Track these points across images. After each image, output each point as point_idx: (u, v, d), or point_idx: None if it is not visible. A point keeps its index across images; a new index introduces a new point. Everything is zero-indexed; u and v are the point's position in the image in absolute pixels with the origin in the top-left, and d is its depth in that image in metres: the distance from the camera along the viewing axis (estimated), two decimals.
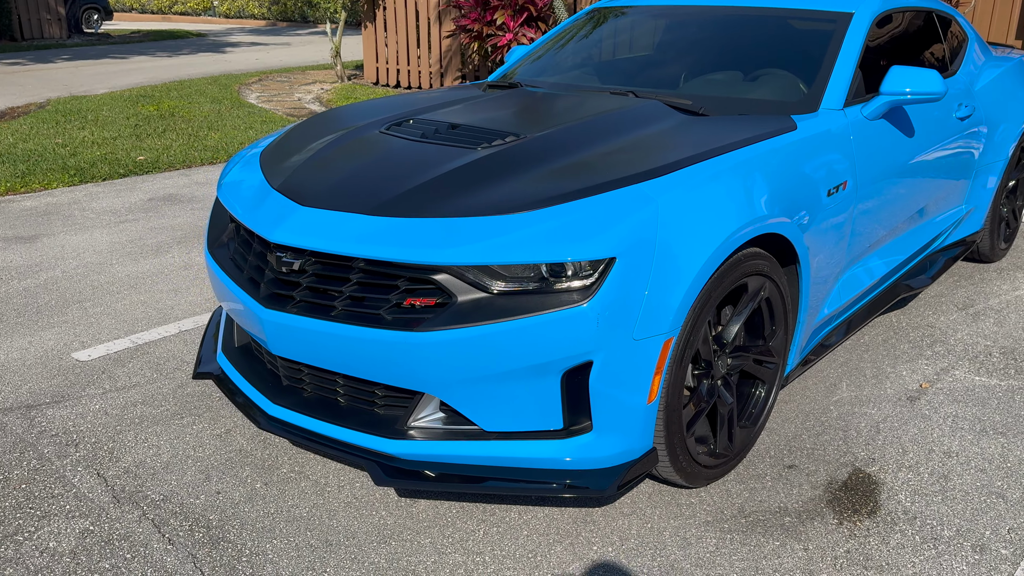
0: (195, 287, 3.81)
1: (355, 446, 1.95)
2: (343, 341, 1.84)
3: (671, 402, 1.91)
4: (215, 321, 2.68)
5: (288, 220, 1.96)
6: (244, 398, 2.19)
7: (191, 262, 4.17)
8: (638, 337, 1.76)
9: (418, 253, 1.75)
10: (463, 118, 2.45)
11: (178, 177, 5.84)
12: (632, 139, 2.16)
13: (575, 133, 2.21)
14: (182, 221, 4.83)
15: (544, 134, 2.21)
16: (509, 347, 1.71)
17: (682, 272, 1.80)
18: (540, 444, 1.84)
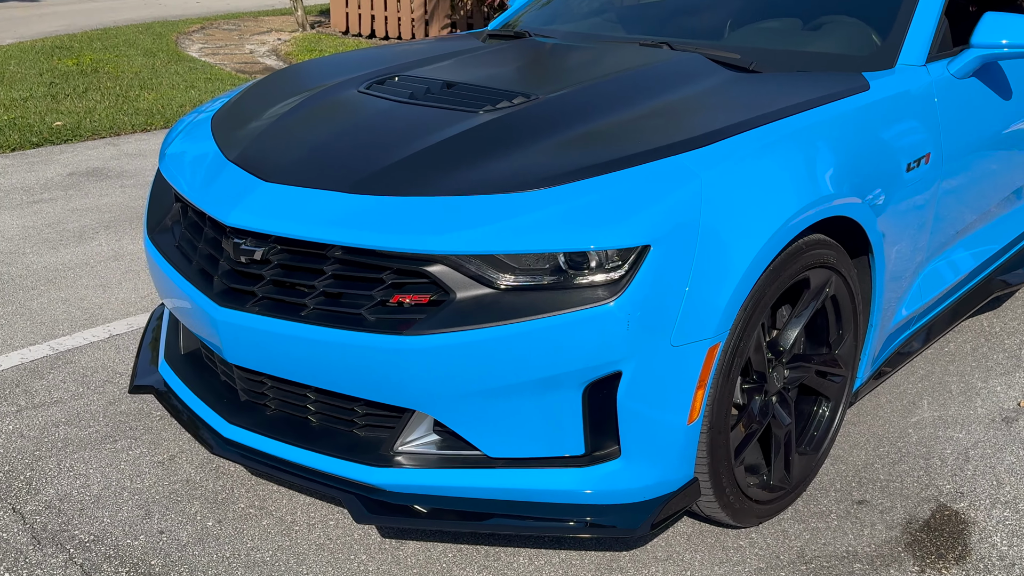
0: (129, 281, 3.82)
1: (329, 475, 1.96)
2: (315, 347, 1.85)
3: (716, 423, 1.92)
4: (155, 323, 2.69)
5: (248, 199, 1.97)
6: (192, 417, 2.20)
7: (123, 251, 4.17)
8: (677, 343, 1.77)
9: (407, 239, 1.76)
10: (460, 75, 2.46)
11: (104, 147, 5.85)
12: (668, 101, 2.18)
13: (598, 94, 2.22)
14: (111, 201, 4.85)
15: (560, 95, 2.22)
16: (519, 355, 1.72)
17: (731, 264, 1.81)
18: (556, 473, 1.85)
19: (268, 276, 1.93)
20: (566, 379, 1.74)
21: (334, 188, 1.91)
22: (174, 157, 2.36)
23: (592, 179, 1.81)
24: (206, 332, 2.07)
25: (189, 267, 2.16)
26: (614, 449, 1.84)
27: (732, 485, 2.03)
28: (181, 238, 2.28)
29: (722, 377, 1.89)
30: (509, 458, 1.87)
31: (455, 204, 1.81)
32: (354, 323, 1.81)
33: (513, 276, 1.76)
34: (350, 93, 2.41)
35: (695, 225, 1.77)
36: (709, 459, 1.94)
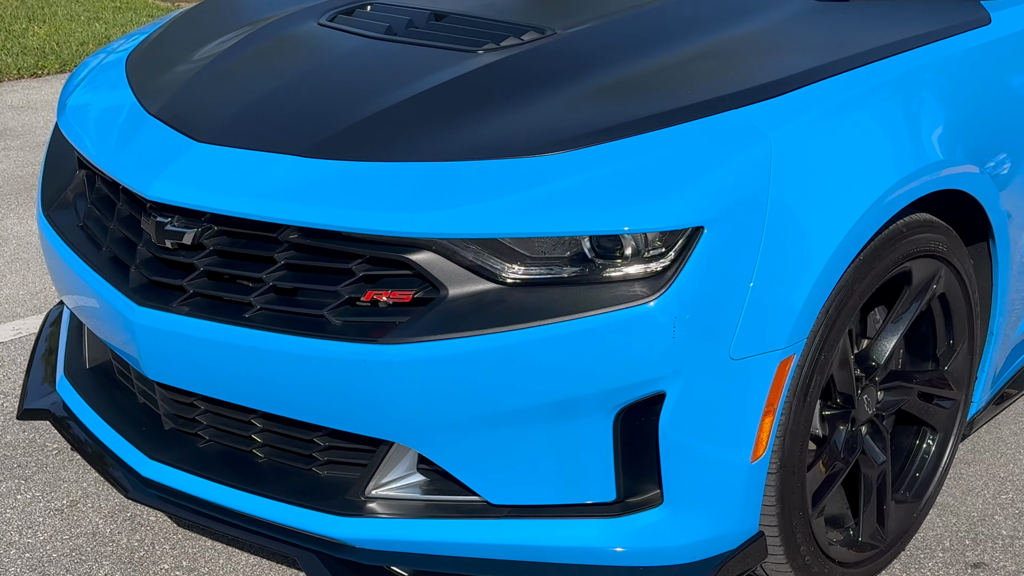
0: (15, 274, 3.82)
1: (281, 527, 1.96)
2: (263, 359, 1.85)
3: (788, 460, 1.92)
4: (51, 329, 2.69)
5: (175, 165, 1.97)
6: (101, 450, 2.20)
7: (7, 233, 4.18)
8: (738, 355, 1.77)
9: (384, 217, 1.76)
10: (452, 2, 2.46)
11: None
12: (726, 37, 2.17)
13: (633, 28, 2.22)
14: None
15: (583, 29, 2.21)
16: (530, 371, 1.72)
17: (809, 252, 1.81)
18: (578, 526, 1.85)
19: (202, 266, 1.93)
20: (592, 403, 1.75)
21: (288, 151, 1.91)
22: (77, 110, 2.36)
23: (626, 140, 1.81)
24: (120, 339, 2.07)
25: (97, 254, 2.15)
26: (654, 494, 1.84)
27: (809, 542, 2.02)
28: (87, 216, 2.28)
29: (797, 400, 1.89)
30: (517, 506, 1.87)
31: (447, 172, 1.80)
32: (314, 328, 1.81)
33: (523, 267, 1.76)
34: (308, 27, 2.41)
35: (762, 201, 1.77)
36: (779, 508, 1.94)
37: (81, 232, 2.25)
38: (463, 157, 1.82)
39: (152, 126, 2.11)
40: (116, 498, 2.50)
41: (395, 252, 1.78)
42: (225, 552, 2.34)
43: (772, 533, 1.96)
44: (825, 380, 1.96)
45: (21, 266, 3.87)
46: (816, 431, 2.08)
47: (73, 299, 2.30)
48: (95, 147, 2.19)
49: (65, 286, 2.32)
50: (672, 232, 1.72)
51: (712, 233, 1.72)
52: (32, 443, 2.73)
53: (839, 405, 2.09)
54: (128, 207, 2.12)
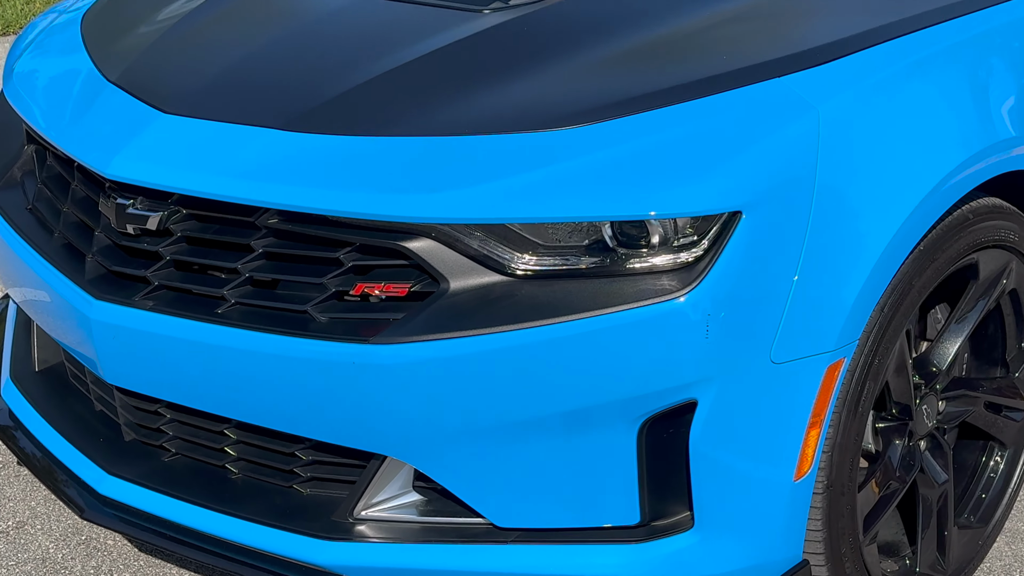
0: None
1: (257, 552, 1.97)
2: (237, 360, 1.86)
3: (837, 479, 1.92)
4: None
5: (139, 139, 1.98)
6: (52, 463, 2.21)
7: None
8: (780, 359, 1.77)
9: (376, 200, 1.77)
10: None
11: None
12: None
13: None
14: None
15: None
16: (543, 375, 1.73)
17: (862, 242, 1.81)
18: (596, 552, 1.86)
19: (168, 255, 1.94)
20: (614, 412, 1.75)
21: (267, 124, 1.91)
22: (25, 77, 2.36)
23: (653, 113, 1.82)
24: (74, 338, 2.08)
25: (49, 241, 2.16)
26: (684, 517, 1.84)
27: (860, 572, 2.02)
28: (36, 197, 2.28)
29: (847, 411, 1.89)
30: (526, 529, 1.87)
31: (448, 148, 1.81)
32: (296, 325, 1.81)
33: (535, 257, 1.76)
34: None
35: (808, 183, 1.77)
36: (826, 533, 1.94)
37: (30, 216, 2.26)
38: (467, 131, 1.83)
39: (111, 95, 2.12)
40: (69, 519, 2.51)
41: (389, 239, 1.78)
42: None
43: (818, 562, 1.96)
44: (879, 388, 1.95)
45: None
46: (868, 446, 2.08)
47: (20, 292, 2.30)
48: (46, 119, 2.19)
49: (11, 277, 2.32)
50: (705, 218, 1.73)
51: (751, 219, 1.72)
52: None
53: (895, 416, 2.09)
54: (84, 187, 2.12)
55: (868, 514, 2.05)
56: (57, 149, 2.15)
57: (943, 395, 2.17)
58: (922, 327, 2.19)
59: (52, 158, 2.26)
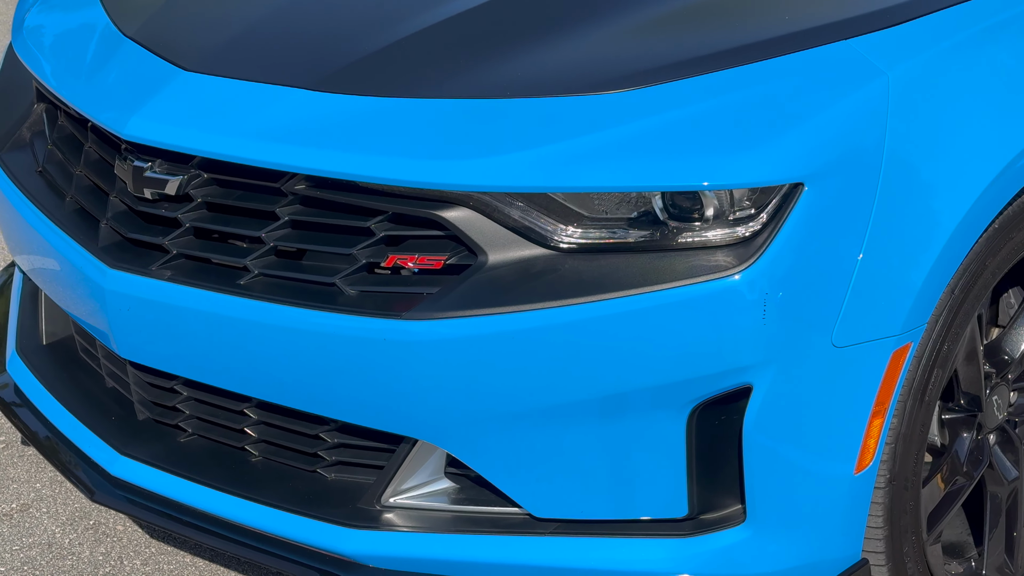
0: None
1: (278, 539, 1.97)
2: (261, 335, 1.85)
3: (901, 472, 1.90)
4: (3, 296, 2.69)
5: (158, 98, 1.97)
6: (60, 442, 2.21)
7: None
8: (842, 343, 1.75)
9: (411, 165, 1.76)
10: None
11: None
12: None
13: None
14: None
15: None
16: (587, 356, 1.71)
17: (932, 219, 1.79)
18: (640, 546, 1.85)
19: (188, 221, 1.93)
20: (662, 396, 1.73)
21: (295, 83, 1.90)
22: (36, 31, 2.35)
23: (709, 76, 1.80)
24: (86, 310, 2.07)
25: (60, 206, 2.15)
26: (735, 511, 1.83)
27: (922, 573, 2.01)
28: (47, 159, 2.28)
29: (912, 400, 1.87)
30: (566, 520, 1.86)
31: (489, 111, 1.80)
32: (324, 299, 1.81)
33: (580, 229, 1.75)
34: None
35: (876, 154, 1.75)
36: (887, 530, 1.92)
37: (39, 178, 2.26)
38: (509, 94, 1.81)
39: (129, 51, 2.11)
40: (76, 502, 2.52)
41: (424, 208, 1.77)
42: (208, 570, 2.35)
43: (878, 561, 1.94)
44: (947, 376, 1.93)
45: None
46: (934, 439, 2.06)
47: (28, 260, 2.31)
48: (58, 75, 2.18)
49: (18, 244, 2.32)
50: (764, 189, 1.71)
51: (814, 191, 1.70)
52: None
53: (963, 407, 2.07)
54: (99, 148, 2.11)
55: (932, 511, 2.04)
56: (70, 108, 2.14)
57: (1015, 386, 2.15)
58: (994, 312, 2.17)
59: (64, 117, 2.26)
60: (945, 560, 2.09)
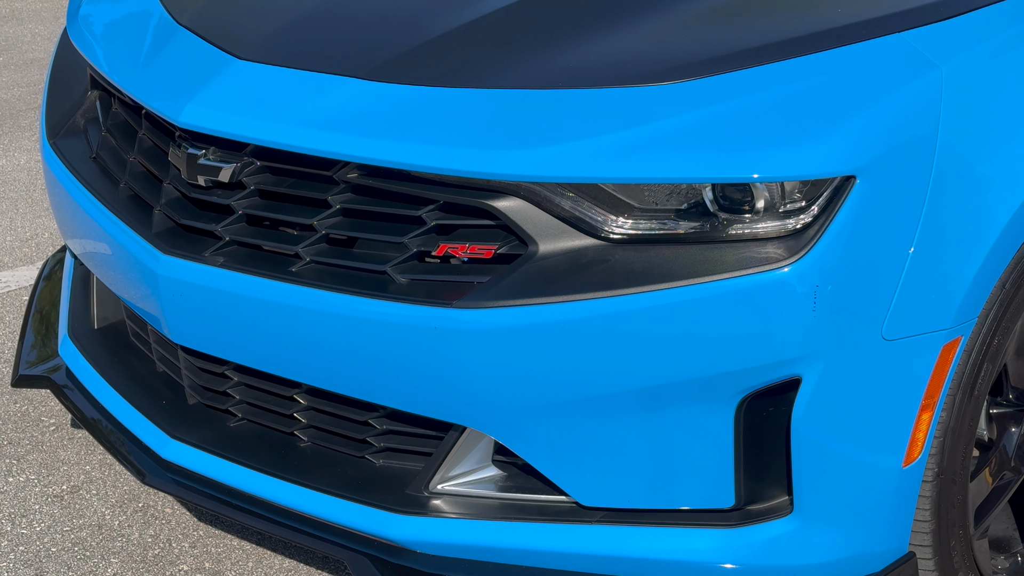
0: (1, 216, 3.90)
1: (326, 524, 2.00)
2: (311, 322, 1.88)
3: (949, 466, 1.91)
4: (52, 279, 2.75)
5: (212, 86, 2.00)
6: (112, 426, 2.25)
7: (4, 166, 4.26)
8: (892, 335, 1.77)
9: (462, 155, 1.78)
10: None
11: None
12: None
13: None
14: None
15: None
16: (636, 346, 1.73)
17: (985, 212, 1.80)
18: (686, 536, 1.87)
19: (241, 209, 1.97)
20: (710, 387, 1.75)
21: (348, 72, 1.93)
22: (91, 18, 2.39)
23: (760, 68, 1.81)
24: (138, 295, 2.11)
25: (113, 192, 2.19)
26: (782, 502, 1.85)
27: (969, 567, 2.02)
28: (101, 146, 2.32)
29: (962, 394, 1.88)
30: (612, 509, 1.89)
31: (541, 102, 1.82)
32: (375, 287, 1.83)
33: (630, 220, 1.77)
34: None
35: (929, 147, 1.76)
36: (935, 524, 1.94)
37: (93, 165, 2.29)
38: (560, 85, 1.83)
39: (183, 39, 2.14)
40: (125, 485, 2.56)
41: (475, 198, 1.80)
42: (255, 553, 2.39)
43: (925, 555, 1.96)
44: (997, 371, 1.94)
45: (8, 207, 3.96)
46: (982, 433, 2.07)
47: (81, 245, 2.35)
48: (113, 63, 2.22)
49: (72, 229, 2.36)
50: (816, 182, 1.72)
51: (866, 184, 1.71)
52: (25, 416, 2.80)
53: (1012, 402, 2.07)
54: (153, 136, 2.15)
55: (979, 506, 2.04)
56: (124, 95, 2.18)
57: None
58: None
59: (118, 104, 2.29)
60: (992, 555, 2.10)
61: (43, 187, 4.09)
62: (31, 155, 4.39)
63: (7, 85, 5.07)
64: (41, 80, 5.13)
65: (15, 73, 5.18)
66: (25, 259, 3.59)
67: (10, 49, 5.45)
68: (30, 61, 5.40)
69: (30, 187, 4.12)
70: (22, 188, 4.09)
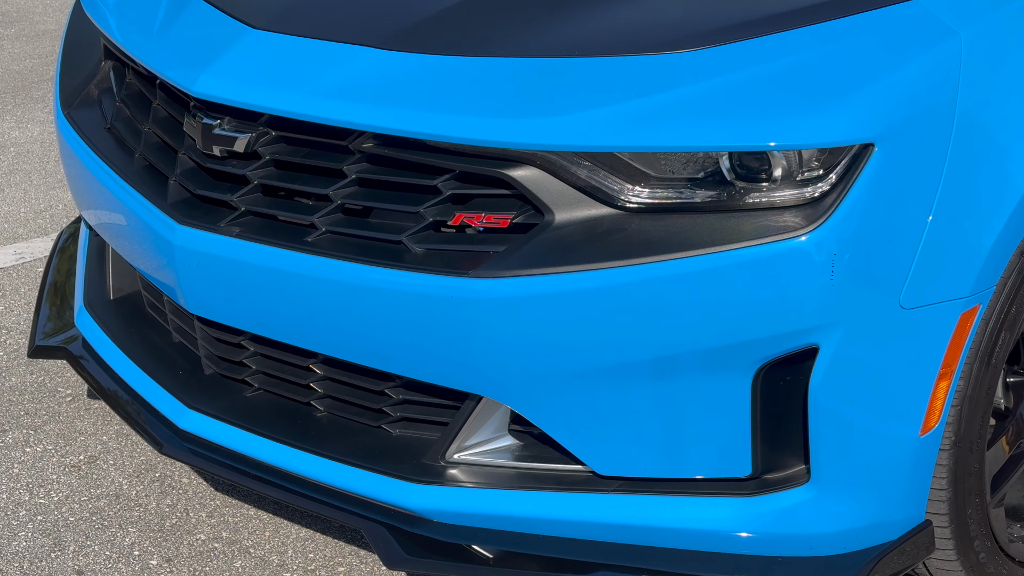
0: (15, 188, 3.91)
1: (343, 493, 2.01)
2: (327, 292, 1.89)
3: (966, 435, 1.92)
4: (67, 251, 2.76)
5: (227, 55, 2.00)
6: (129, 396, 2.27)
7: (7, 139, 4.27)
8: (910, 304, 1.77)
9: (479, 124, 1.78)
10: None
11: None
12: None
13: None
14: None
15: None
16: (653, 315, 1.74)
17: (1004, 180, 1.80)
18: (702, 505, 1.88)
19: (256, 179, 1.97)
20: (728, 356, 1.76)
21: (363, 41, 1.93)
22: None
23: (777, 36, 1.81)
24: (154, 265, 2.12)
25: (128, 162, 2.20)
26: (799, 471, 1.85)
27: (985, 536, 2.02)
28: (115, 116, 2.32)
29: (979, 362, 1.88)
30: (628, 478, 1.89)
31: (557, 70, 1.82)
32: (390, 256, 1.84)
33: (646, 188, 1.77)
34: None
35: (947, 114, 1.76)
36: (951, 492, 1.94)
37: (108, 135, 2.30)
38: (575, 53, 1.83)
39: (197, 8, 2.14)
40: (142, 455, 2.58)
41: (491, 167, 1.80)
42: (272, 523, 2.40)
43: (941, 523, 1.96)
44: (1014, 339, 1.94)
45: (21, 179, 3.96)
46: (999, 402, 2.06)
47: (97, 216, 2.35)
48: (126, 32, 2.22)
49: (87, 200, 2.37)
50: (833, 150, 1.72)
51: (884, 152, 1.71)
52: (42, 387, 2.82)
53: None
54: (167, 106, 2.15)
55: (996, 475, 2.05)
56: (138, 65, 2.18)
57: None
58: None
59: (132, 75, 2.29)
60: (1008, 523, 2.10)
61: (56, 159, 4.10)
62: (44, 127, 4.40)
63: (19, 57, 5.07)
64: (53, 52, 5.14)
65: (27, 45, 5.18)
66: (39, 231, 3.59)
67: (21, 20, 5.45)
68: (41, 33, 5.41)
69: (43, 159, 4.13)
70: (35, 160, 4.10)
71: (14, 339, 3.02)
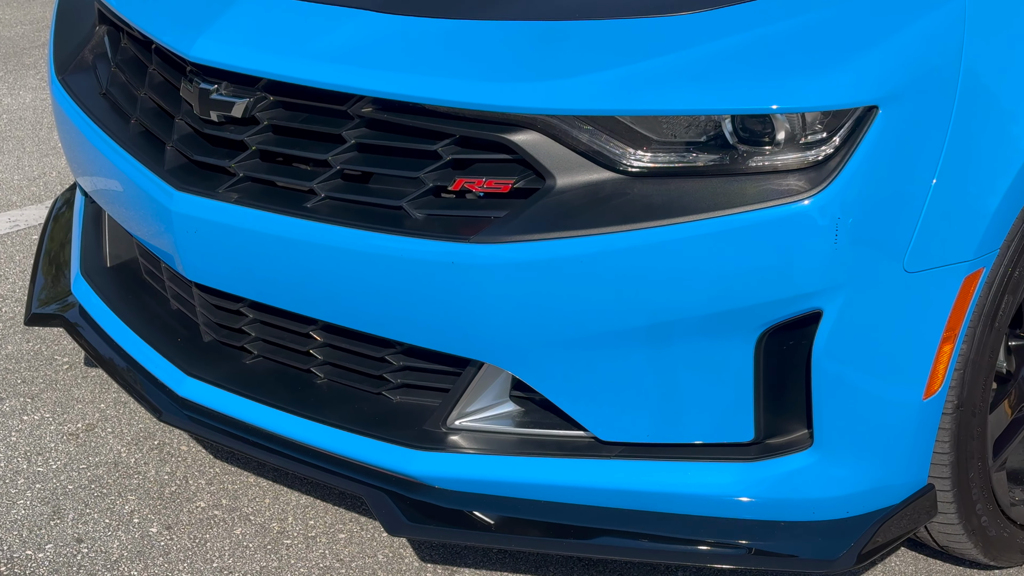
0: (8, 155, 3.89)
1: (344, 460, 2.02)
2: (327, 258, 1.89)
3: (969, 399, 1.92)
4: (63, 218, 2.75)
5: (224, 19, 1.99)
6: (127, 363, 2.27)
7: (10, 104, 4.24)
8: (914, 267, 1.77)
9: (479, 88, 1.77)
10: None
11: None
12: None
13: None
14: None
15: None
16: (656, 280, 1.74)
17: (1008, 142, 1.79)
18: (705, 470, 1.88)
19: (254, 144, 1.96)
20: (731, 321, 1.76)
21: (361, 4, 1.92)
22: None
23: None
24: (151, 232, 2.12)
25: (124, 128, 2.19)
26: (802, 435, 1.86)
27: (987, 499, 2.03)
28: (110, 82, 2.31)
29: (982, 326, 1.88)
30: (630, 443, 1.90)
31: (556, 34, 1.81)
32: (390, 222, 1.83)
33: (649, 152, 1.76)
34: None
35: (952, 75, 1.75)
36: (954, 456, 1.95)
37: (103, 101, 2.29)
38: (576, 16, 1.82)
39: None
40: (140, 423, 2.58)
41: (492, 131, 1.79)
42: (272, 490, 2.41)
43: (944, 487, 1.97)
44: (1017, 303, 1.94)
45: (15, 146, 3.95)
46: (1002, 366, 2.07)
47: (93, 182, 2.34)
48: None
49: (83, 166, 2.36)
50: (837, 112, 1.71)
51: (888, 114, 1.70)
52: (38, 355, 2.82)
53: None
54: (163, 71, 2.14)
55: (998, 438, 2.05)
56: (133, 29, 2.17)
57: None
58: None
59: (127, 39, 2.28)
60: (1010, 487, 2.11)
61: (50, 125, 4.08)
62: (36, 93, 4.38)
63: (10, 23, 5.04)
64: (45, 17, 5.11)
65: (18, 10, 5.14)
66: (33, 198, 3.58)
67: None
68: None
69: (36, 125, 4.11)
70: (28, 127, 4.08)
71: (9, 307, 3.01)
